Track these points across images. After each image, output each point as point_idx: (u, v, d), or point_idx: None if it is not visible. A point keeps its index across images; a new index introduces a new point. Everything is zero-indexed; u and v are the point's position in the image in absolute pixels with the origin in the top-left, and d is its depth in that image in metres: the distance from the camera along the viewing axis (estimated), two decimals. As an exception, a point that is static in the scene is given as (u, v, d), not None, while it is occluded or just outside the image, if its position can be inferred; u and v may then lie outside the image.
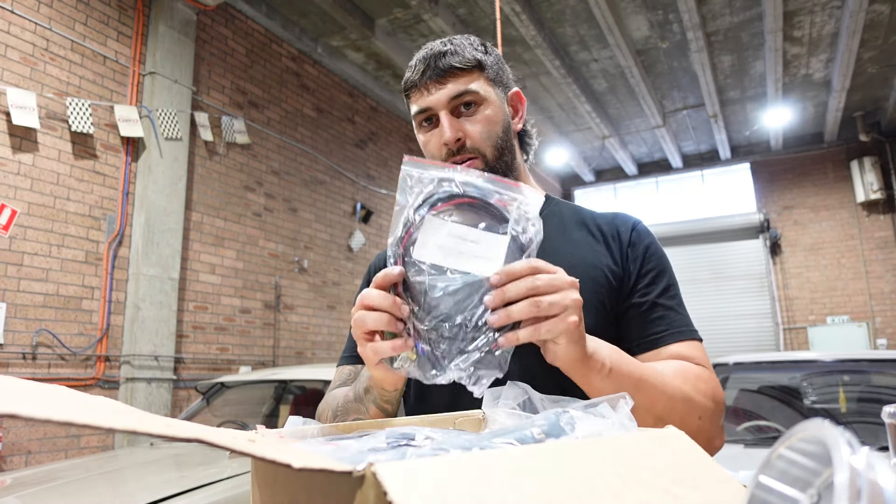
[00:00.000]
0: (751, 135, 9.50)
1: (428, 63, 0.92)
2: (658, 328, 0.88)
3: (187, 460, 2.58)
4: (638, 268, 0.92)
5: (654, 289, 0.91)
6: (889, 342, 8.65)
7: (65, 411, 0.35)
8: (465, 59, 0.92)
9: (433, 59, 0.92)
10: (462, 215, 0.66)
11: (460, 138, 0.91)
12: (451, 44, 0.93)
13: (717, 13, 6.09)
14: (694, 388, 0.79)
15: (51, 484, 2.17)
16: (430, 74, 0.91)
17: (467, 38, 0.96)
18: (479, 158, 0.93)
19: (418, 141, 1.02)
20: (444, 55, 0.91)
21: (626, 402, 0.58)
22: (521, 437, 0.52)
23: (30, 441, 3.75)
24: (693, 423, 0.77)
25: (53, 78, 4.08)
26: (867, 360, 3.15)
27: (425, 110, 0.93)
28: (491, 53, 0.96)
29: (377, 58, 6.63)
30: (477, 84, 0.92)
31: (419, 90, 0.93)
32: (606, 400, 0.59)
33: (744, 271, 9.92)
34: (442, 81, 0.91)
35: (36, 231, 3.91)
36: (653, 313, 0.89)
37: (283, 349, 5.67)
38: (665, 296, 0.91)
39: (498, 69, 0.97)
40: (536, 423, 0.55)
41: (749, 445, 2.64)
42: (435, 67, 0.91)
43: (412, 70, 0.94)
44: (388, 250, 0.66)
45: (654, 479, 0.42)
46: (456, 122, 0.92)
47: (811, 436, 0.31)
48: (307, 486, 0.45)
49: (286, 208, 5.91)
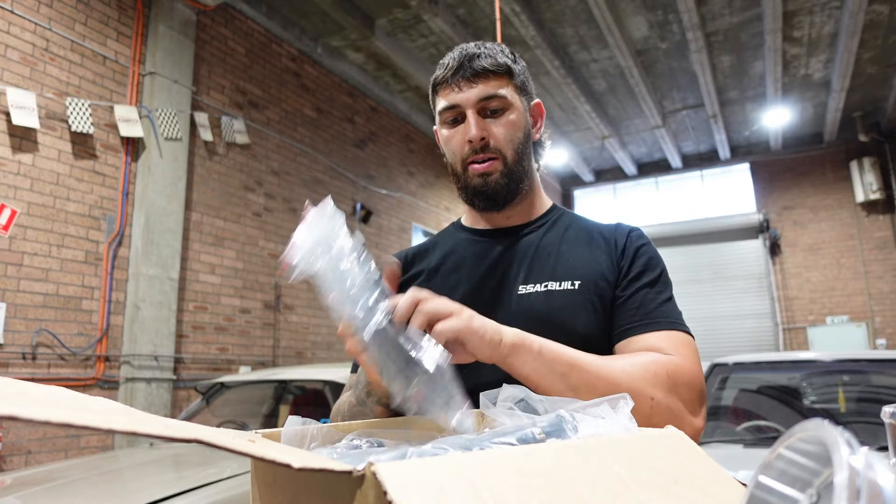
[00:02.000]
0: (750, 135, 9.50)
1: (462, 63, 0.95)
2: (632, 319, 0.89)
3: (187, 460, 2.58)
4: (627, 265, 0.95)
5: (637, 283, 0.92)
6: (888, 342, 8.65)
7: (64, 413, 0.35)
8: (498, 63, 0.95)
9: (467, 59, 0.95)
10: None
11: (485, 137, 0.94)
12: (484, 47, 0.97)
13: (717, 13, 6.10)
14: (644, 371, 0.79)
15: (50, 484, 2.17)
16: (462, 73, 0.94)
17: (499, 46, 1.00)
18: (499, 159, 0.96)
19: (439, 137, 1.02)
20: (479, 57, 0.95)
21: (626, 403, 0.58)
22: (522, 437, 0.52)
23: (29, 441, 3.74)
24: (645, 406, 0.76)
25: (53, 78, 4.07)
26: (866, 360, 3.14)
27: (454, 107, 0.96)
28: (519, 63, 1.01)
29: (377, 58, 6.63)
30: (505, 90, 0.96)
31: (449, 86, 0.96)
32: (607, 401, 0.60)
33: (743, 271, 9.93)
34: (473, 81, 0.94)
35: (36, 231, 3.90)
36: (630, 305, 0.91)
37: (282, 349, 5.67)
38: (648, 289, 0.92)
39: (524, 79, 1.01)
40: (538, 423, 0.55)
41: (748, 445, 2.64)
42: (469, 67, 0.94)
43: (444, 67, 0.97)
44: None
45: (654, 479, 0.42)
46: (482, 121, 0.95)
47: (810, 436, 0.31)
48: (307, 486, 0.45)
49: (286, 208, 5.91)
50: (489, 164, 0.95)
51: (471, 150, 0.95)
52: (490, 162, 0.95)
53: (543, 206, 1.07)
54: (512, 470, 0.39)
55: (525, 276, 0.97)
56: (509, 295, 0.96)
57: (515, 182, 0.98)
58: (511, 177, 0.97)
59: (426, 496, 0.34)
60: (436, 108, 1.00)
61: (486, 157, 0.95)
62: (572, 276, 0.94)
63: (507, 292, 0.96)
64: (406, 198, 7.76)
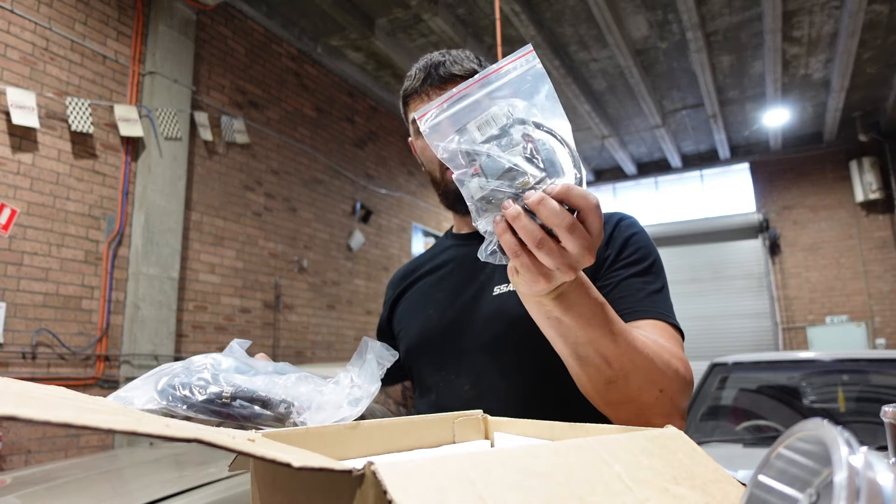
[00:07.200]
0: (750, 135, 9.50)
1: (428, 71, 0.95)
2: (619, 307, 0.85)
3: (187, 460, 2.58)
4: (614, 254, 0.91)
5: (627, 272, 0.89)
6: (888, 342, 8.65)
7: (63, 413, 0.35)
8: (464, 68, 0.95)
9: (433, 67, 0.95)
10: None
11: None
12: (449, 55, 0.97)
13: (717, 13, 6.09)
14: (660, 356, 0.74)
15: (50, 483, 2.17)
16: (430, 81, 0.95)
17: (463, 52, 1.00)
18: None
19: (415, 148, 1.04)
20: (444, 64, 0.95)
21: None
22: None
23: (29, 441, 3.74)
24: (650, 397, 0.72)
25: (53, 78, 4.07)
26: (866, 360, 3.15)
27: None
28: (485, 67, 1.00)
29: (377, 58, 6.63)
30: None
31: (419, 97, 0.96)
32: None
33: (743, 271, 9.92)
34: (442, 88, 0.94)
35: (36, 231, 3.90)
36: (616, 293, 0.87)
37: (282, 349, 5.67)
38: (636, 278, 0.88)
39: None
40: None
41: (748, 445, 2.64)
42: (436, 75, 0.95)
43: (412, 78, 0.97)
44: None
45: (654, 479, 0.42)
46: None
47: (810, 435, 0.31)
48: (307, 486, 0.45)
49: (286, 208, 5.91)
50: None
51: None
52: None
53: None
54: (512, 469, 0.39)
55: (500, 277, 0.97)
56: (485, 298, 0.97)
57: None
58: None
59: (426, 496, 0.34)
60: (408, 120, 1.00)
61: None
62: None
63: (484, 295, 0.97)
64: (406, 197, 7.75)
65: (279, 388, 0.70)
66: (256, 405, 0.68)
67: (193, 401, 0.67)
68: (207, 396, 0.68)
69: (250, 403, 0.68)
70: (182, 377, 0.70)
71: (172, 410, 0.67)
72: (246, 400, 0.68)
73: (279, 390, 0.70)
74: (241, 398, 0.68)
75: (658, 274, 0.90)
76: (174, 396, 0.68)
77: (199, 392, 0.68)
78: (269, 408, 0.68)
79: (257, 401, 0.68)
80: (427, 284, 1.08)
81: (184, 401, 0.67)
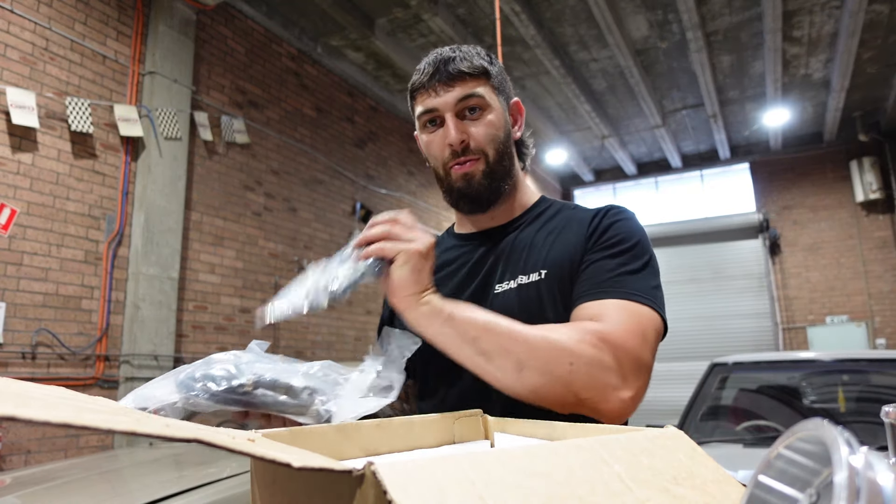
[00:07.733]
0: (750, 135, 9.50)
1: (437, 67, 0.95)
2: (580, 288, 0.86)
3: (186, 460, 2.58)
4: (595, 240, 0.92)
5: (599, 255, 0.89)
6: (888, 342, 8.65)
7: (63, 413, 0.35)
8: (473, 65, 0.95)
9: (442, 63, 0.95)
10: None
11: (464, 140, 0.95)
12: (459, 51, 0.97)
13: (717, 13, 6.09)
14: (566, 336, 0.76)
15: (50, 484, 2.17)
16: (438, 77, 0.95)
17: (474, 48, 1.00)
18: (481, 159, 0.96)
19: (420, 142, 1.04)
20: (454, 60, 0.95)
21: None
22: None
23: (29, 441, 3.74)
24: (563, 369, 0.75)
25: (53, 77, 4.07)
26: (866, 360, 3.15)
27: (431, 111, 0.96)
28: (495, 64, 1.01)
29: (377, 57, 6.63)
30: (483, 90, 0.96)
31: (427, 91, 0.96)
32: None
33: (743, 271, 9.93)
34: (450, 84, 0.94)
35: (35, 230, 3.90)
36: (583, 276, 0.88)
37: (282, 349, 5.67)
38: (608, 260, 0.88)
39: (502, 79, 1.01)
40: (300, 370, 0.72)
41: (748, 445, 2.64)
42: (445, 71, 0.94)
43: (420, 73, 0.97)
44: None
45: (654, 479, 0.42)
46: (461, 124, 0.95)
47: (810, 435, 0.31)
48: (307, 486, 0.45)
49: (286, 208, 5.91)
50: (471, 165, 0.95)
51: (451, 154, 0.95)
52: (472, 162, 0.95)
53: (528, 203, 1.07)
54: (512, 469, 0.39)
55: (500, 275, 0.97)
56: (487, 296, 0.97)
57: (497, 181, 0.98)
58: (493, 176, 0.97)
59: (426, 496, 0.34)
60: (415, 114, 1.00)
61: (468, 159, 0.95)
62: (540, 266, 0.93)
63: (486, 294, 0.97)
64: (406, 198, 7.75)
65: (301, 376, 0.69)
66: (279, 393, 0.67)
67: (215, 390, 0.66)
68: (229, 385, 0.67)
69: (273, 392, 0.67)
70: (203, 369, 0.69)
71: (194, 401, 0.66)
72: (268, 388, 0.67)
73: (301, 378, 0.69)
74: (264, 386, 0.67)
75: (638, 256, 0.89)
76: (195, 387, 0.67)
77: (221, 382, 0.67)
78: (292, 395, 0.67)
79: (280, 388, 0.67)
80: None
81: (205, 391, 0.66)
